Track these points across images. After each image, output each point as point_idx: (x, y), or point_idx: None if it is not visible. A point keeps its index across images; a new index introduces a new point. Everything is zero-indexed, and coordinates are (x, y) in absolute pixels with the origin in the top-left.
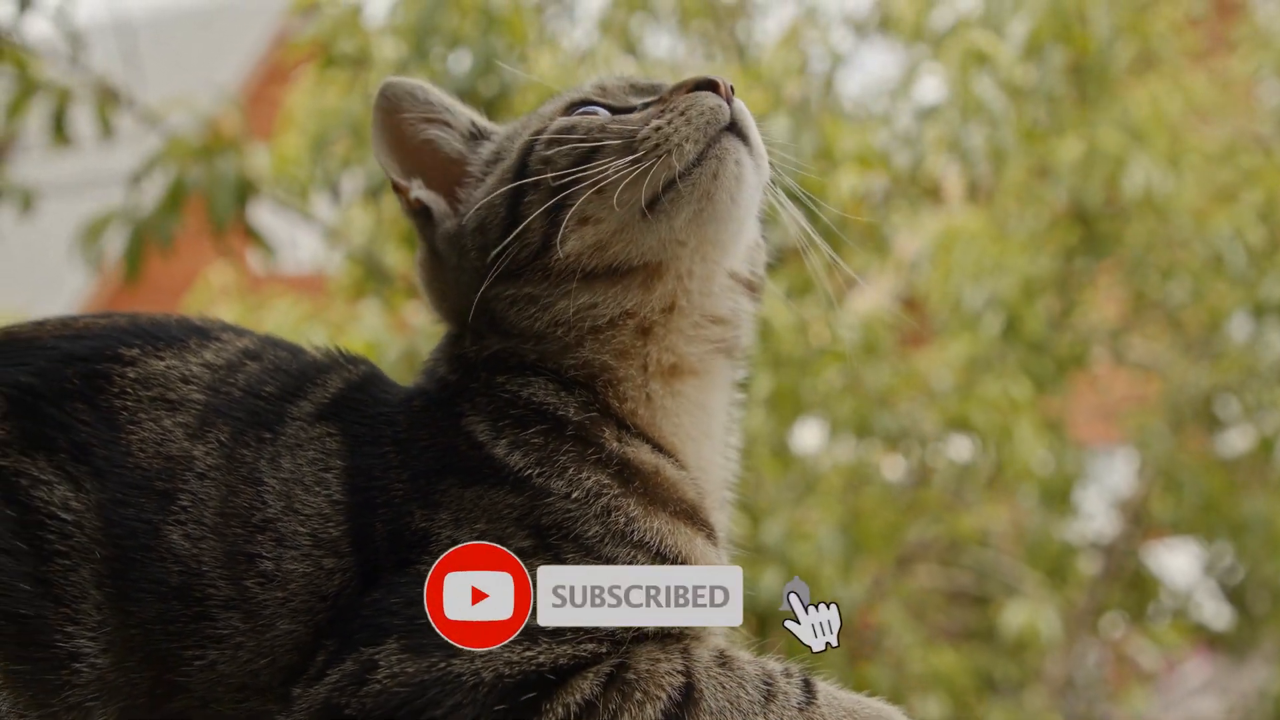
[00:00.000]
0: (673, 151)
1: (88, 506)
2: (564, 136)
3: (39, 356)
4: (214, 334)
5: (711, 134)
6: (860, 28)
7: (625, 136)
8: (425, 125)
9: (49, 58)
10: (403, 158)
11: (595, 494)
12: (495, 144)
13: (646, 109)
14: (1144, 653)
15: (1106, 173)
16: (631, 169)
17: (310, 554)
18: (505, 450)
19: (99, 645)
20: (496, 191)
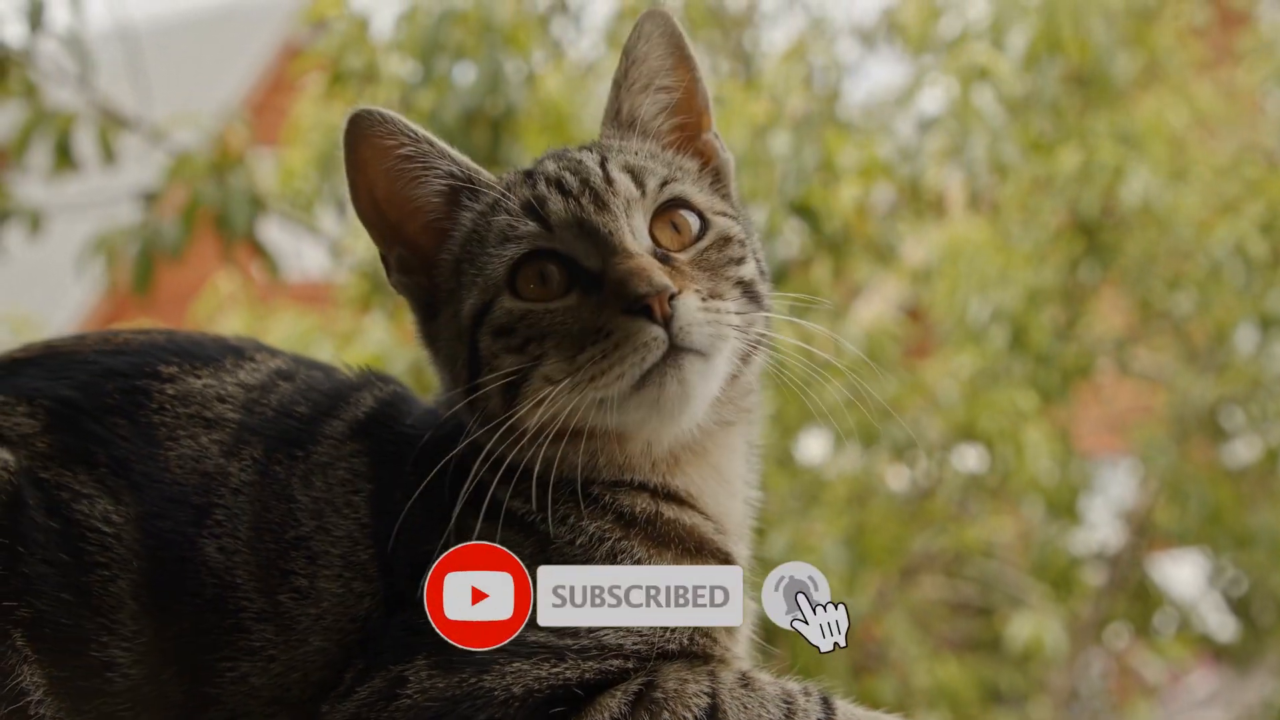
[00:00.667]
0: (610, 384)
1: (127, 519)
2: (507, 332)
3: (80, 371)
4: (249, 354)
5: (649, 365)
6: (867, 38)
7: (567, 348)
8: (404, 178)
9: (55, 75)
10: (380, 218)
11: (598, 539)
12: (466, 227)
13: (588, 301)
14: (1149, 665)
15: (1104, 183)
16: (574, 392)
17: (341, 575)
18: (505, 495)
19: (133, 656)
20: (454, 345)
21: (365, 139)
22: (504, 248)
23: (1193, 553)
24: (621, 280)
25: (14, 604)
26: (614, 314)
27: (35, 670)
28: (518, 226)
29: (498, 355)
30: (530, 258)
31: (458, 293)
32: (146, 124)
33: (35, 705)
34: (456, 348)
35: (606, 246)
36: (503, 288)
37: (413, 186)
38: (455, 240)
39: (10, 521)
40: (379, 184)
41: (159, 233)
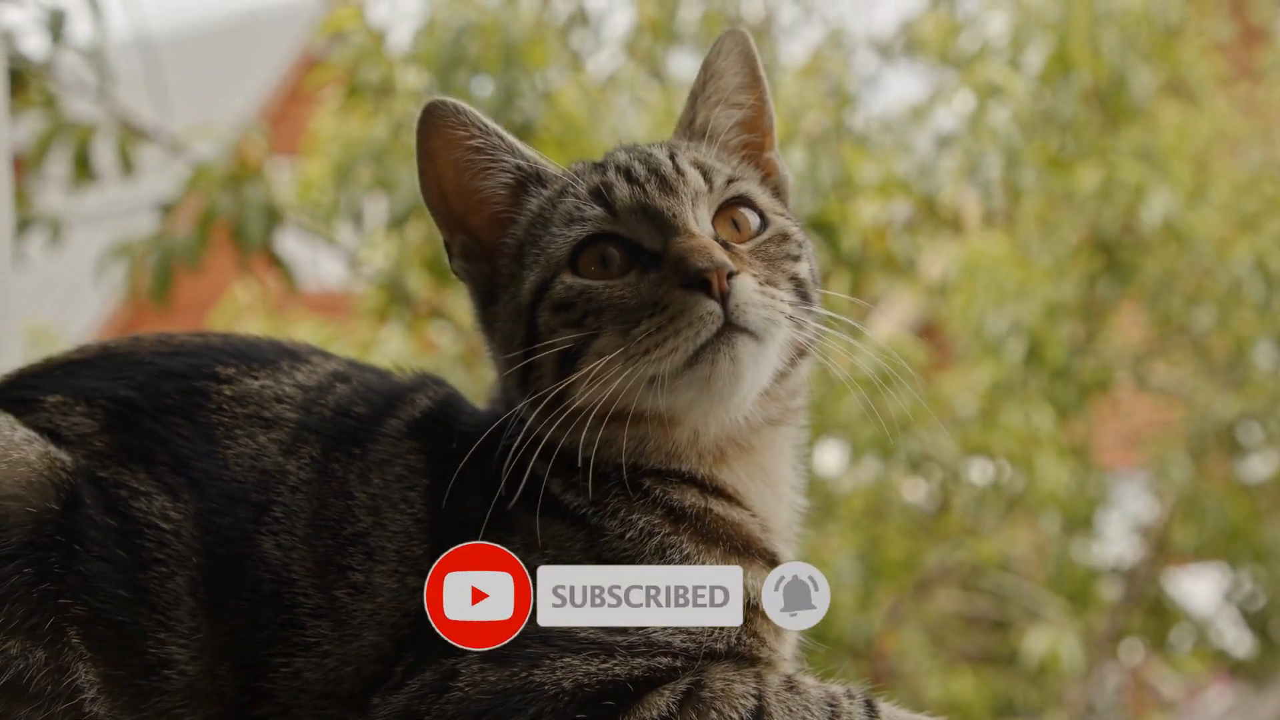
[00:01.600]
0: (664, 359)
1: (185, 516)
2: (565, 307)
3: (137, 371)
4: (304, 357)
5: (703, 340)
6: (885, 50)
7: (623, 321)
8: (472, 170)
9: (74, 87)
10: (447, 208)
11: (648, 534)
12: (532, 211)
13: (647, 277)
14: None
15: (1125, 202)
16: (626, 365)
17: (396, 570)
18: (560, 488)
19: (190, 653)
20: (512, 325)
21: (438, 129)
22: (568, 229)
23: (1209, 568)
24: (681, 256)
25: (70, 601)
26: (672, 288)
27: (90, 668)
28: (584, 210)
29: (555, 330)
30: (594, 240)
31: (519, 275)
32: (165, 135)
33: (89, 703)
34: (515, 327)
35: (669, 228)
36: (564, 265)
37: (481, 178)
38: (519, 226)
39: (68, 520)
40: (448, 174)
41: (176, 242)
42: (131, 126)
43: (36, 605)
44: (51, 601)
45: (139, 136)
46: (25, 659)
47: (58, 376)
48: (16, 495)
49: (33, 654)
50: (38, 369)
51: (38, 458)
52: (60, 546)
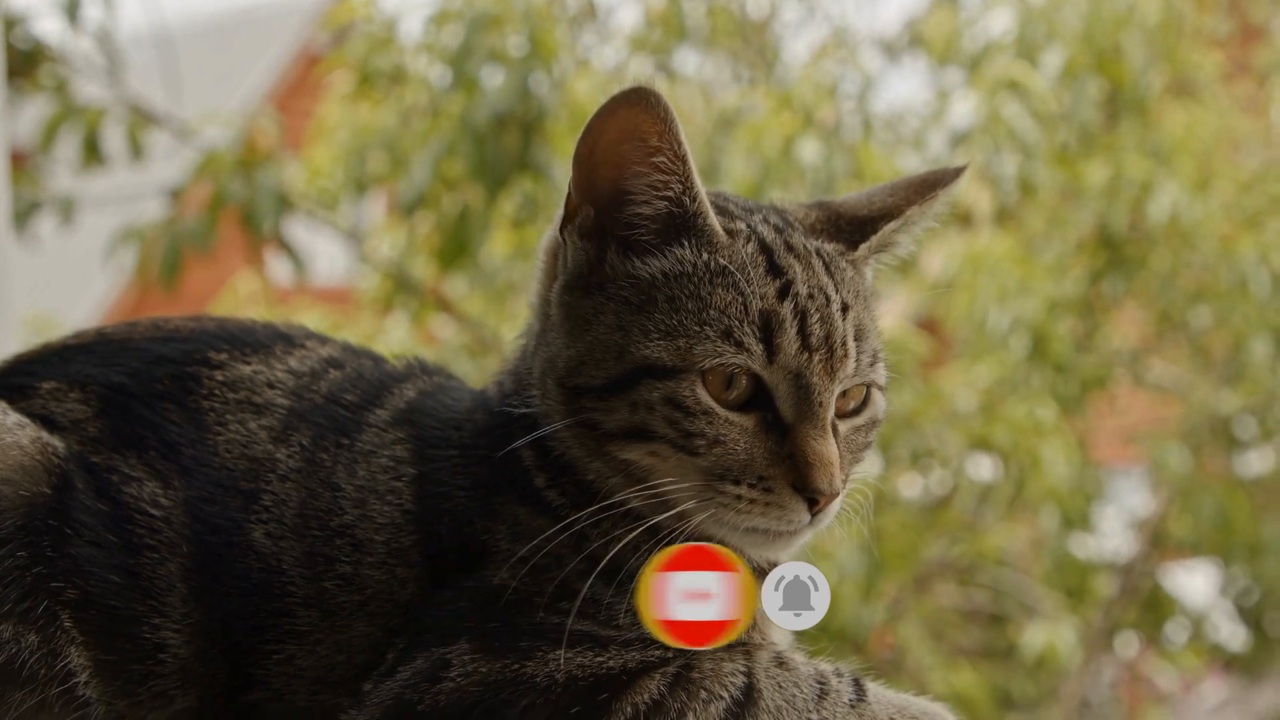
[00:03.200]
0: (735, 524)
1: (175, 503)
2: (678, 409)
3: (131, 357)
4: (299, 341)
5: (778, 531)
6: (890, 48)
7: (721, 467)
8: (635, 170)
9: (85, 71)
10: (590, 181)
11: (634, 547)
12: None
13: (764, 439)
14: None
15: (1132, 198)
16: (699, 502)
17: (385, 562)
18: (544, 484)
19: (183, 637)
20: (606, 371)
21: (631, 111)
22: (721, 342)
23: (1205, 562)
24: (810, 463)
25: (63, 585)
26: (783, 479)
27: (82, 652)
28: (744, 335)
29: (653, 411)
30: (737, 369)
31: (638, 310)
32: (175, 121)
33: (82, 686)
34: (604, 358)
35: (809, 412)
36: (697, 373)
37: (638, 181)
38: (654, 262)
39: (60, 505)
40: (610, 156)
41: (186, 227)
42: (141, 111)
43: (29, 589)
44: (44, 585)
45: (148, 121)
46: (18, 643)
47: (53, 362)
48: (9, 479)
49: (25, 638)
50: (34, 355)
51: (30, 442)
52: (53, 531)
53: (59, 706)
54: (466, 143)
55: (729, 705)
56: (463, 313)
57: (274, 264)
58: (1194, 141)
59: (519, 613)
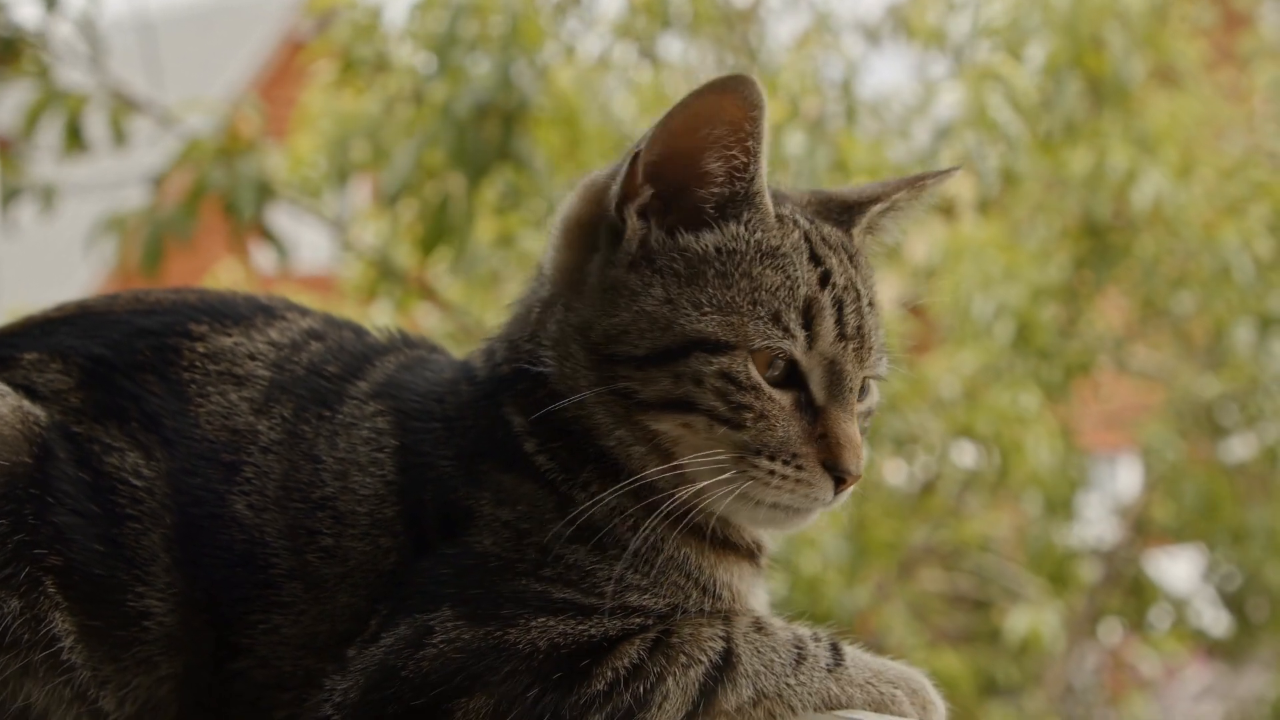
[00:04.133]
0: (762, 498)
1: (158, 474)
2: (730, 382)
3: (113, 330)
4: (279, 313)
5: (799, 509)
6: (873, 34)
7: (759, 441)
8: (716, 155)
9: (68, 58)
10: (663, 160)
11: (619, 511)
12: (731, 236)
13: (799, 417)
14: (1143, 659)
15: (1116, 185)
16: (733, 476)
17: (368, 533)
18: (534, 448)
19: (167, 605)
20: (651, 341)
21: (732, 96)
22: (770, 325)
23: (1188, 548)
24: (842, 444)
25: (45, 551)
26: (814, 455)
27: (66, 617)
28: (790, 321)
29: (700, 393)
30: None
31: (688, 283)
32: (157, 107)
33: (67, 651)
34: (650, 330)
35: (840, 397)
36: (748, 351)
37: (720, 162)
38: (707, 236)
39: (41, 474)
40: (693, 139)
41: (167, 215)
42: (123, 97)
43: (11, 555)
44: (27, 552)
45: (131, 108)
46: (1, 608)
47: (35, 334)
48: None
49: (8, 603)
50: (16, 327)
51: (10, 411)
52: (34, 499)
53: (43, 671)
54: (448, 132)
55: (708, 669)
56: (446, 300)
57: (257, 252)
58: (1177, 129)
59: (502, 579)
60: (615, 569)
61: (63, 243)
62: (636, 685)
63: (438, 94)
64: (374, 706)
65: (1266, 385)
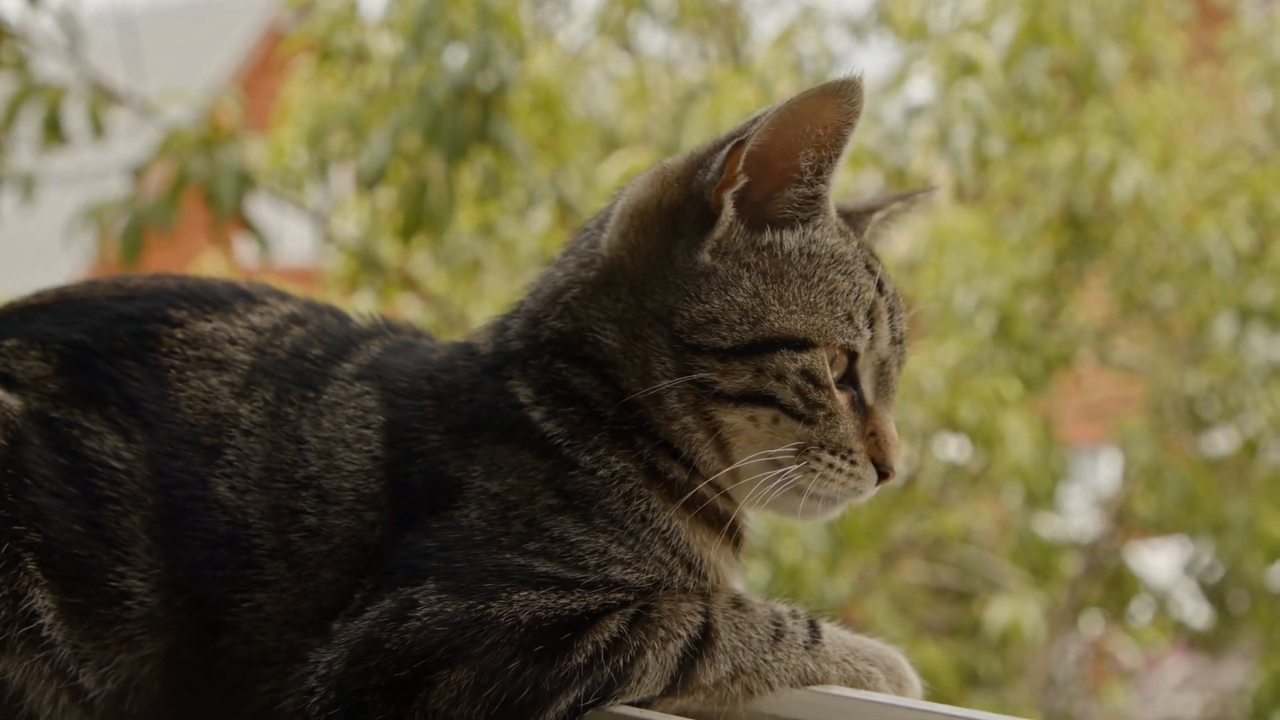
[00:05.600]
0: (814, 491)
1: (138, 456)
2: (811, 380)
3: (92, 316)
4: (260, 298)
5: (847, 497)
6: (856, 28)
7: (823, 436)
8: (809, 153)
9: (46, 48)
10: (763, 149)
11: (620, 477)
12: (806, 239)
13: (853, 414)
14: (1124, 650)
15: (1096, 177)
16: (795, 467)
17: (354, 509)
18: (541, 416)
19: (149, 585)
20: (738, 335)
21: (841, 101)
22: (845, 324)
23: (1169, 541)
24: (889, 442)
25: (24, 528)
26: (865, 451)
27: (46, 594)
28: (860, 323)
29: (781, 388)
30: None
31: (774, 281)
32: (136, 99)
33: (47, 628)
34: (737, 317)
35: (885, 397)
36: (824, 349)
37: (812, 161)
38: (789, 237)
39: (15, 455)
40: (793, 136)
41: (148, 206)
42: (103, 89)
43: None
44: (6, 528)
45: (110, 99)
46: None
47: (14, 322)
48: None
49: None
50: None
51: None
52: (11, 479)
53: (21, 647)
54: (424, 113)
55: (686, 644)
56: (428, 291)
57: (239, 244)
58: (1157, 121)
59: (486, 553)
60: (599, 541)
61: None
62: (616, 658)
63: (415, 77)
64: (357, 678)
65: (1246, 378)
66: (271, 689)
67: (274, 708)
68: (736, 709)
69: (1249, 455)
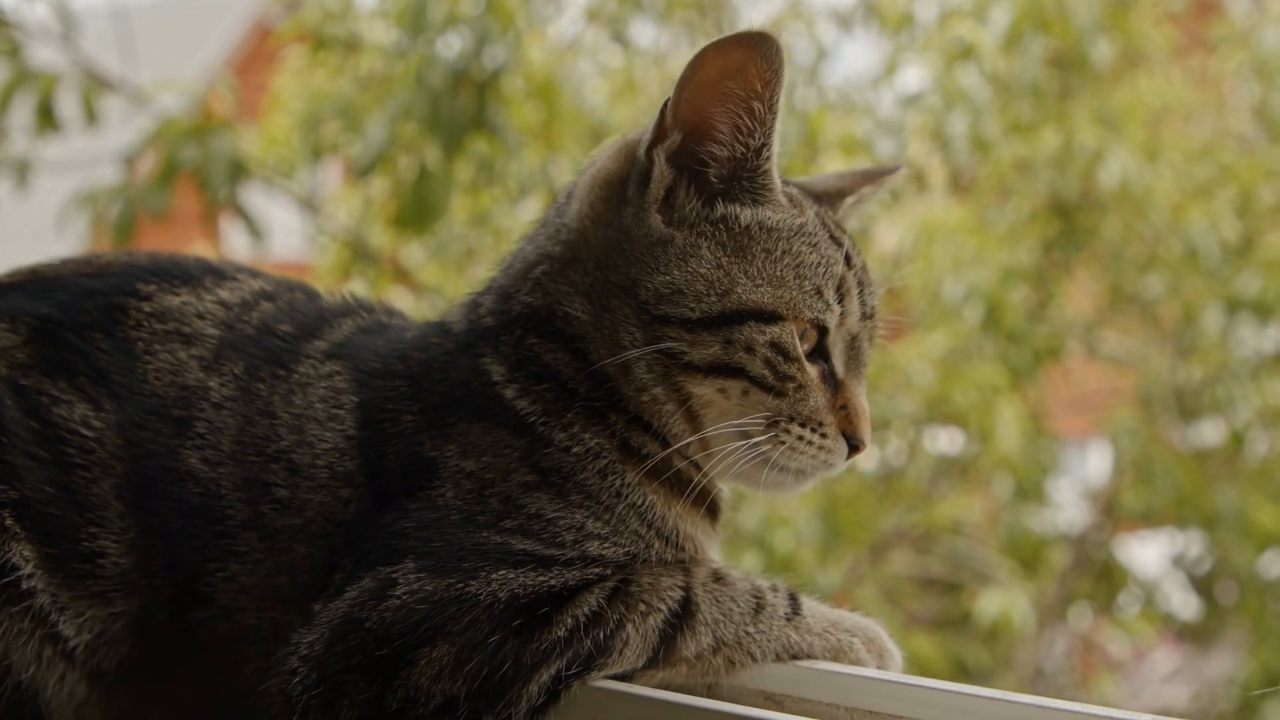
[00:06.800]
0: (784, 461)
1: (107, 425)
2: (781, 353)
3: (61, 291)
4: (230, 274)
5: (818, 470)
6: (844, 20)
7: (792, 408)
8: (728, 109)
9: (39, 36)
10: (683, 101)
11: (595, 453)
12: (754, 208)
13: (824, 386)
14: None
15: (1083, 165)
16: (764, 440)
17: (327, 484)
18: (515, 394)
19: (121, 548)
20: (707, 306)
21: (750, 52)
22: (815, 298)
23: (1157, 533)
24: (860, 415)
25: (5, 486)
26: (835, 424)
27: (25, 547)
28: (829, 297)
29: (750, 360)
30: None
31: (736, 255)
32: (130, 87)
33: (26, 579)
34: (703, 288)
35: (856, 371)
36: (792, 321)
37: (725, 117)
38: (744, 211)
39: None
40: (711, 85)
41: (140, 191)
42: (96, 77)
43: None
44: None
45: (103, 87)
46: None
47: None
48: None
49: None
50: None
51: None
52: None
53: (3, 599)
54: (422, 100)
55: (666, 617)
56: (420, 281)
57: (232, 234)
58: (1143, 110)
59: (463, 532)
60: (576, 516)
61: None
62: (596, 631)
63: (410, 63)
64: (339, 657)
65: (1235, 369)
66: (255, 668)
67: (258, 687)
68: (720, 681)
69: (1237, 446)
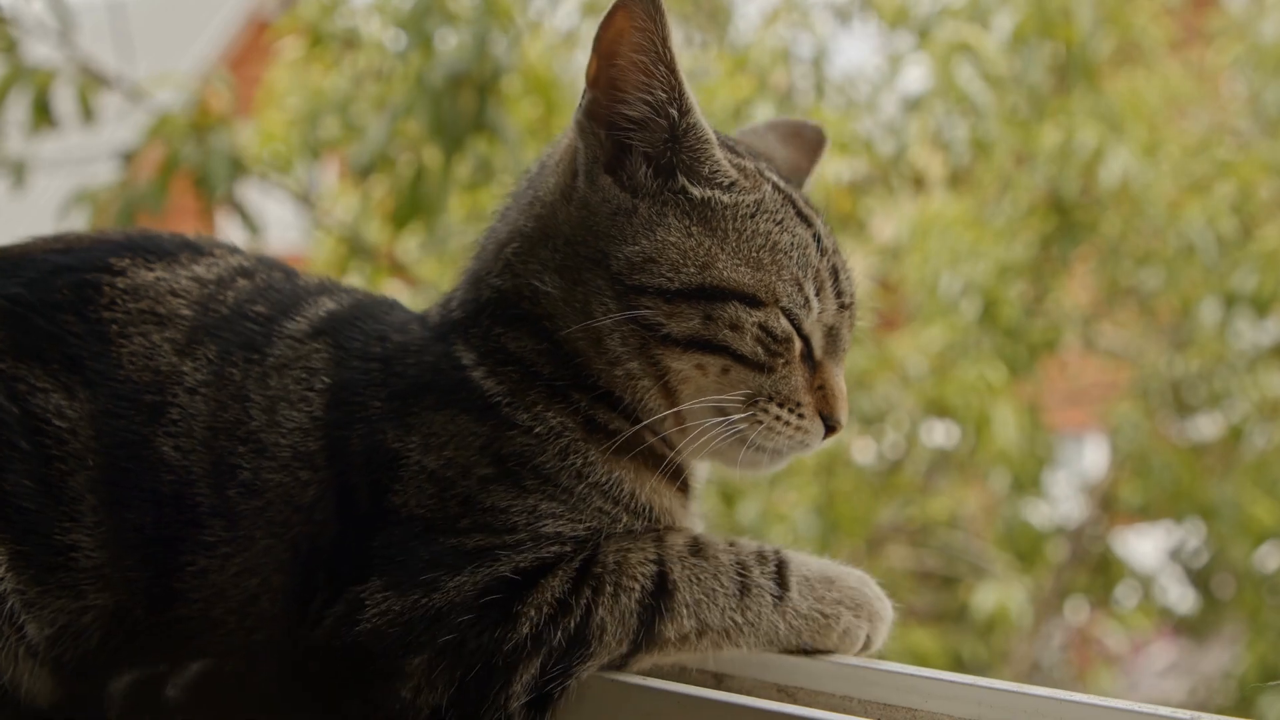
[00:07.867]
0: (760, 440)
1: (81, 415)
2: (768, 338)
3: (29, 269)
4: (207, 249)
5: (794, 450)
6: (842, 13)
7: (774, 388)
8: (625, 69)
9: (36, 33)
10: (594, 70)
11: (556, 433)
12: (702, 189)
13: (803, 368)
14: (1110, 635)
15: (1083, 162)
16: (742, 419)
17: (288, 465)
18: (482, 375)
19: (95, 541)
20: (685, 278)
21: (626, 12)
22: (792, 288)
23: (1155, 526)
24: (838, 396)
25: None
26: (813, 405)
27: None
28: (806, 286)
29: (737, 338)
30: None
31: (708, 230)
32: (126, 83)
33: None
34: (678, 258)
35: (834, 354)
36: (775, 308)
37: (625, 76)
38: (690, 181)
39: None
40: (609, 46)
41: (139, 190)
42: (92, 72)
43: None
44: None
45: (99, 83)
46: None
47: None
48: None
49: None
50: None
51: None
52: None
53: None
54: (424, 102)
55: (640, 597)
56: (416, 276)
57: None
58: (1142, 106)
59: (423, 543)
60: (529, 501)
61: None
62: (566, 621)
63: (410, 66)
64: (322, 679)
65: (1232, 363)
66: (241, 683)
67: (246, 707)
68: (708, 659)
69: (1234, 440)
